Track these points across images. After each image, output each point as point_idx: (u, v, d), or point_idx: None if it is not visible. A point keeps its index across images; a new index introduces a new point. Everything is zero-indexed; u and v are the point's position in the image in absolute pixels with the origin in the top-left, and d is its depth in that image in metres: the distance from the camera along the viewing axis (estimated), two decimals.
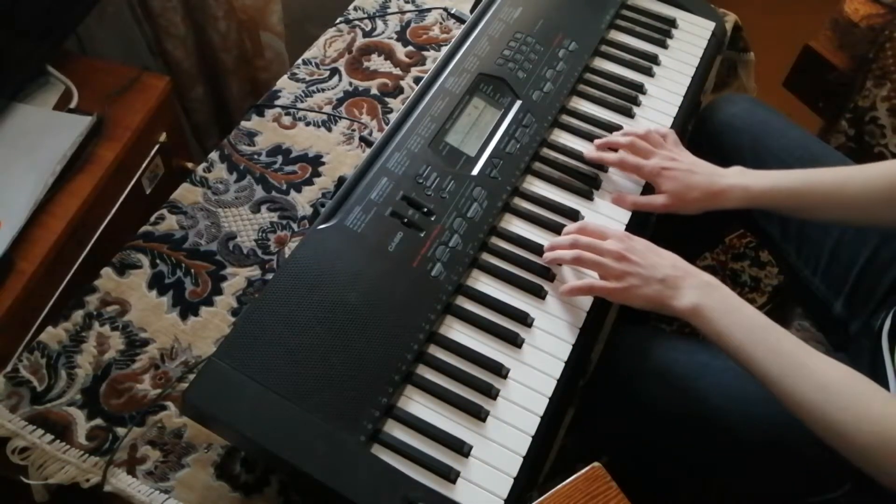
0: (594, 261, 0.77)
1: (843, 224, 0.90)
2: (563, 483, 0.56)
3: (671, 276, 0.73)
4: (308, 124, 1.02)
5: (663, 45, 1.04)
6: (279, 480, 0.75)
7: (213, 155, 0.98)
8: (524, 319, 0.77)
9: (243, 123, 1.02)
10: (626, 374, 0.85)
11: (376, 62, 1.10)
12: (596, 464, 0.57)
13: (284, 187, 0.96)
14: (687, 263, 0.75)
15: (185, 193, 0.94)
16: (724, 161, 0.87)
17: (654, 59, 1.02)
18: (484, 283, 0.80)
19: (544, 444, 0.73)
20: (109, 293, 0.85)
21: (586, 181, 0.89)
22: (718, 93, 1.25)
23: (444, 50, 0.95)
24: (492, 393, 0.72)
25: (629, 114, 0.96)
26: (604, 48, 1.02)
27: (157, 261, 0.88)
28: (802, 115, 1.45)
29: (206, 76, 1.44)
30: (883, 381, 0.79)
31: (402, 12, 1.16)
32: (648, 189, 0.89)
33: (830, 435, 0.65)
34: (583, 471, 0.57)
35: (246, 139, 1.00)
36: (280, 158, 0.98)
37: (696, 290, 0.72)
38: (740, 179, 0.84)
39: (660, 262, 0.75)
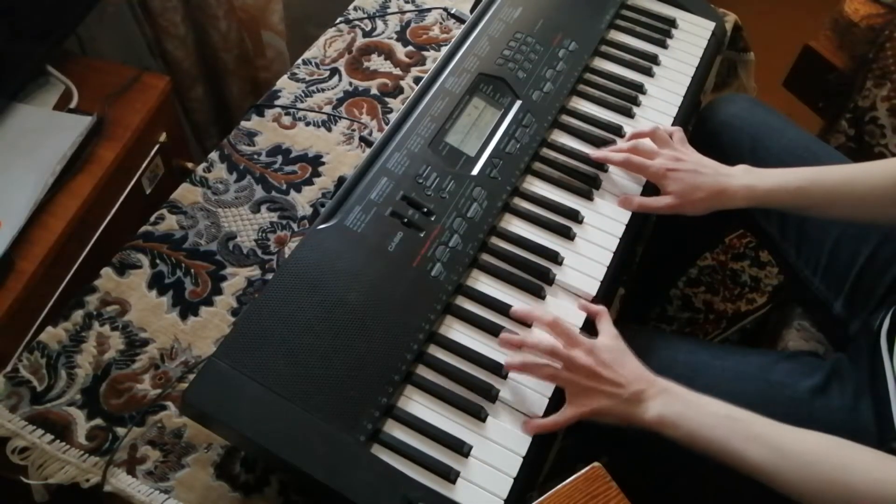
0: (567, 379, 0.73)
1: (849, 221, 0.90)
2: (563, 483, 0.56)
3: (635, 391, 0.71)
4: (308, 124, 1.02)
5: (663, 45, 1.04)
6: (279, 480, 0.75)
7: (213, 155, 0.98)
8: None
9: (243, 123, 1.02)
10: None
11: (376, 62, 1.10)
12: (596, 464, 0.57)
13: (284, 187, 0.96)
14: (641, 367, 0.73)
15: (185, 193, 0.94)
16: (724, 161, 0.87)
17: (654, 59, 1.02)
18: (484, 283, 0.80)
19: (544, 444, 0.73)
20: (109, 293, 0.85)
21: (586, 181, 0.89)
22: (718, 93, 1.25)
23: (444, 50, 0.95)
24: (492, 393, 0.72)
25: (629, 114, 0.96)
26: (604, 48, 1.02)
27: (157, 261, 0.88)
28: (802, 115, 1.45)
29: (206, 76, 1.44)
30: (882, 381, 0.79)
31: (402, 12, 1.16)
32: (649, 189, 0.89)
33: None
34: (583, 471, 0.57)
35: (246, 139, 1.00)
36: (280, 158, 0.98)
37: (657, 399, 0.71)
38: (745, 179, 0.84)
39: (626, 375, 0.72)
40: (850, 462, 0.65)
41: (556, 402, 0.73)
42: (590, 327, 0.78)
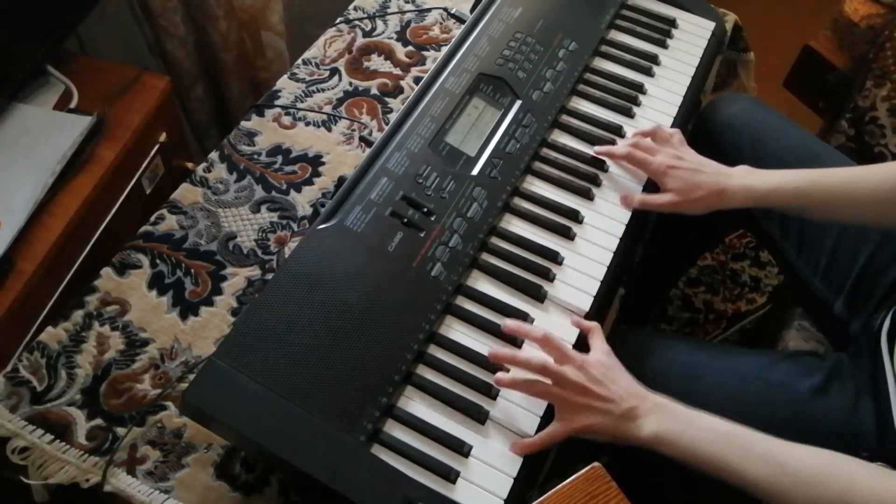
0: (557, 395, 0.71)
1: (850, 224, 0.91)
2: (563, 483, 0.56)
3: (628, 408, 0.70)
4: (308, 124, 1.02)
5: (663, 45, 1.04)
6: (279, 480, 0.75)
7: (213, 155, 0.98)
8: (524, 319, 0.77)
9: (243, 123, 1.02)
10: None
11: (376, 62, 1.10)
12: (596, 464, 0.57)
13: (284, 187, 0.96)
14: (634, 383, 0.72)
15: (185, 193, 0.94)
16: (723, 161, 0.87)
17: (654, 59, 1.02)
18: (484, 283, 0.80)
19: None
20: (109, 293, 0.85)
21: (586, 181, 0.89)
22: (718, 93, 1.25)
23: (444, 50, 0.95)
24: (492, 393, 0.72)
25: (629, 114, 0.96)
26: (604, 48, 1.02)
27: (157, 261, 0.88)
28: (802, 115, 1.45)
29: (206, 76, 1.44)
30: (882, 382, 0.79)
31: (402, 12, 1.16)
32: (649, 190, 0.89)
33: None
34: (583, 471, 0.57)
35: (246, 139, 1.00)
36: (280, 158, 0.98)
37: (652, 416, 0.69)
38: (745, 179, 0.84)
39: (618, 391, 0.70)
40: (851, 477, 0.64)
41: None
42: (583, 343, 0.77)
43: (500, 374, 0.72)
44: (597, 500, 0.56)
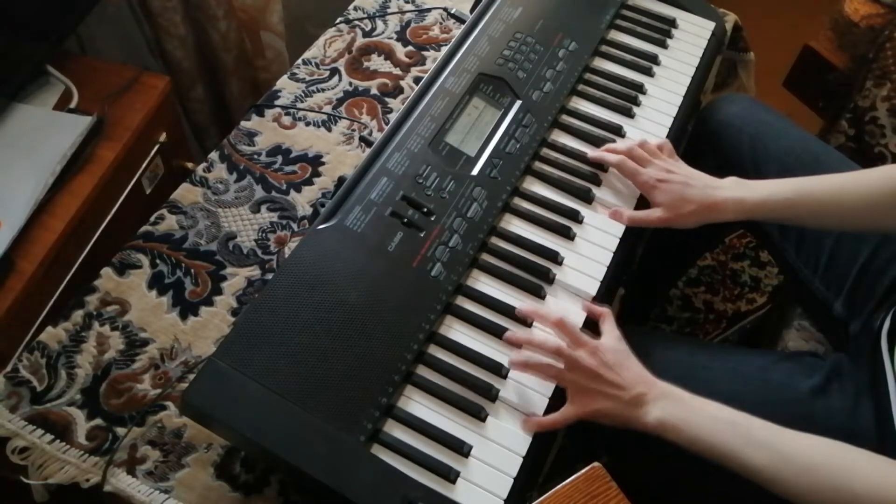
0: (570, 380, 0.73)
1: (842, 230, 0.90)
2: (563, 483, 0.56)
3: (637, 394, 0.71)
4: (308, 124, 1.02)
5: (663, 45, 1.04)
6: (279, 480, 0.75)
7: (213, 155, 0.98)
8: (524, 320, 0.77)
9: (243, 123, 1.02)
10: None
11: (376, 62, 1.10)
12: (596, 464, 0.57)
13: (284, 187, 0.96)
14: (643, 370, 0.73)
15: (185, 193, 0.94)
16: (723, 161, 0.87)
17: (654, 59, 1.02)
18: (484, 283, 0.80)
19: (544, 444, 0.73)
20: (109, 293, 0.86)
21: (586, 181, 0.89)
22: (718, 93, 1.25)
23: (444, 50, 0.95)
24: (492, 393, 0.72)
25: (629, 114, 0.96)
26: (604, 48, 1.02)
27: (157, 261, 0.88)
28: (802, 115, 1.45)
29: (206, 76, 1.44)
30: (882, 382, 0.79)
31: (402, 12, 1.16)
32: (643, 200, 0.89)
33: None
34: (583, 471, 0.57)
35: (246, 139, 1.00)
36: (280, 158, 0.98)
37: (658, 403, 0.70)
38: (735, 192, 0.83)
39: (628, 378, 0.72)
40: (851, 466, 0.64)
41: (556, 401, 0.73)
42: (590, 327, 0.78)
43: (514, 357, 0.74)
44: (597, 500, 0.56)
